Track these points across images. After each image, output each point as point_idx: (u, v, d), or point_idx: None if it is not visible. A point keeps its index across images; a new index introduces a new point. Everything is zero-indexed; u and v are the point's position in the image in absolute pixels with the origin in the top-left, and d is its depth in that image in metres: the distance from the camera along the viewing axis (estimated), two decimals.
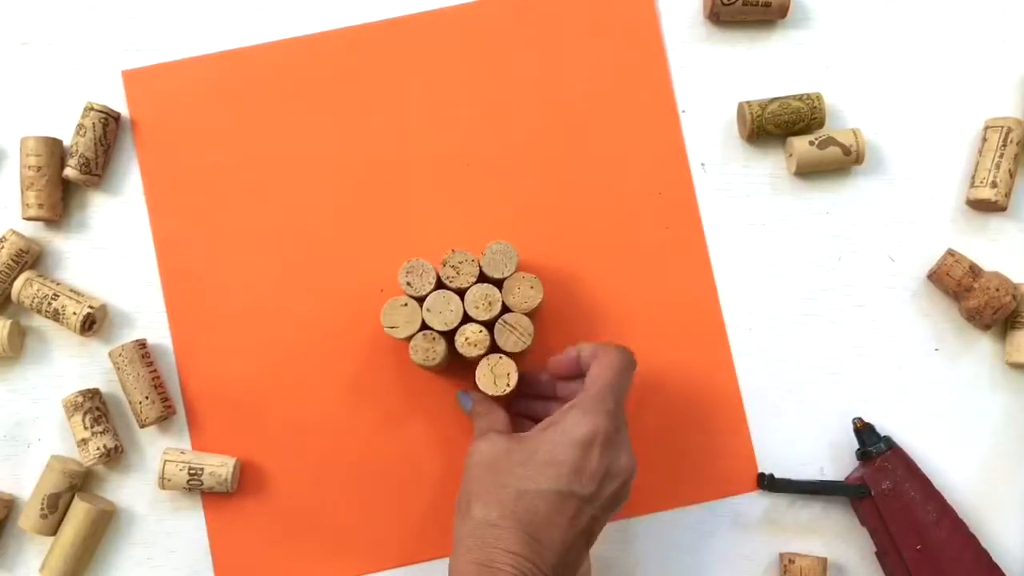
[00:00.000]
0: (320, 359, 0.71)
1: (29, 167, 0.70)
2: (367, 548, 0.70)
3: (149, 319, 0.71)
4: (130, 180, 0.72)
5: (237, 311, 0.71)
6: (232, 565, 0.70)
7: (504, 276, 0.66)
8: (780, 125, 0.71)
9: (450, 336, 0.65)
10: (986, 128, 0.72)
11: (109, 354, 0.69)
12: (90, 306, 0.69)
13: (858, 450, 0.69)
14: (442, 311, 0.65)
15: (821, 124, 0.72)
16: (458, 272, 0.65)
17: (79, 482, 0.69)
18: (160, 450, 0.70)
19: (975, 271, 0.70)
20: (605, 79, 0.73)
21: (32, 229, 0.72)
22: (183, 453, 0.69)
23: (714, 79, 0.74)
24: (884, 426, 0.70)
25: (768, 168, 0.73)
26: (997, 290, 0.69)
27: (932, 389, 0.72)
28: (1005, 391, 0.72)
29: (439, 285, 0.66)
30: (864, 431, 0.69)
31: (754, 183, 0.73)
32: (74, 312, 0.69)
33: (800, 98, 0.71)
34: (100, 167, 0.71)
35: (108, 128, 0.71)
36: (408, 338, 0.65)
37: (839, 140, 0.71)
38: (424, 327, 0.65)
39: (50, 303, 0.69)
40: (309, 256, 0.72)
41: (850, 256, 0.73)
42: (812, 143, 0.71)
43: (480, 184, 0.73)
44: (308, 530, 0.70)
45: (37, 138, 0.70)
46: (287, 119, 0.73)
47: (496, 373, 0.65)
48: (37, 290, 0.69)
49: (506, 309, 0.66)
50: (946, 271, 0.70)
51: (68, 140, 0.72)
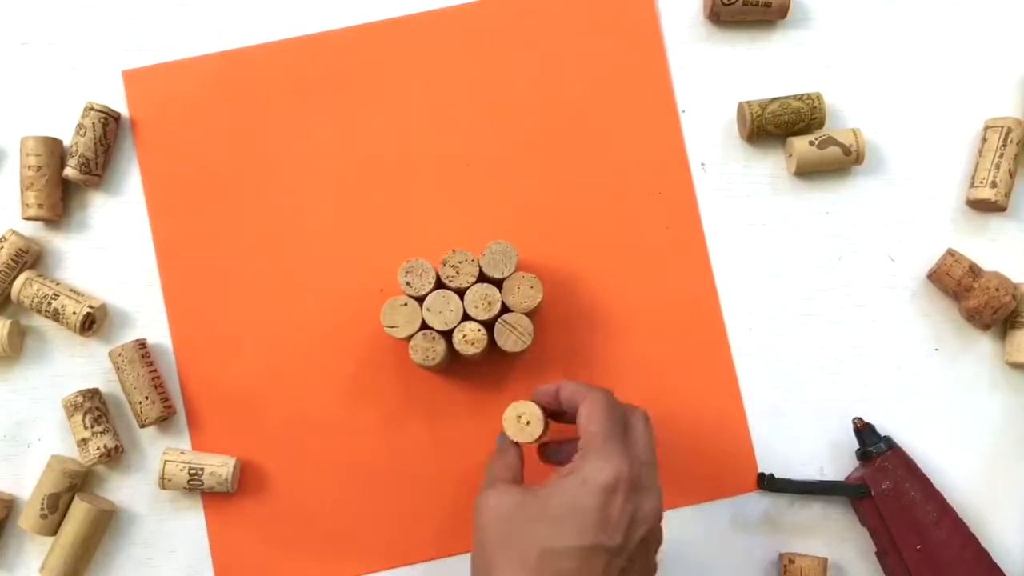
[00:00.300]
0: (320, 359, 0.71)
1: (29, 167, 0.70)
2: (367, 548, 0.70)
3: (149, 319, 0.71)
4: (130, 180, 0.72)
5: (237, 311, 0.71)
6: (232, 565, 0.70)
7: (504, 276, 0.66)
8: (780, 125, 0.71)
9: (450, 336, 0.65)
10: (986, 128, 0.72)
11: (109, 354, 0.69)
12: (90, 306, 0.69)
13: (858, 450, 0.69)
14: (442, 310, 0.65)
15: (821, 124, 0.72)
16: (458, 272, 0.65)
17: (79, 482, 0.69)
18: (160, 450, 0.70)
19: (975, 271, 0.70)
20: (605, 79, 0.73)
21: (32, 229, 0.72)
22: (183, 453, 0.69)
23: (714, 79, 0.74)
24: (884, 426, 0.70)
25: (768, 168, 0.73)
26: (997, 290, 0.69)
27: (932, 389, 0.72)
28: (1005, 391, 0.72)
29: (439, 285, 0.65)
30: (864, 431, 0.69)
31: (754, 183, 0.73)
32: (74, 312, 0.69)
33: (800, 98, 0.71)
34: (100, 167, 0.71)
35: (108, 128, 0.71)
36: (408, 338, 0.65)
37: (839, 140, 0.71)
38: (424, 327, 0.65)
39: (50, 303, 0.69)
40: (309, 256, 0.72)
41: (850, 256, 0.73)
42: (812, 143, 0.71)
43: (480, 184, 0.73)
44: (308, 530, 0.70)
45: (37, 138, 0.70)
46: (287, 119, 0.73)
47: (521, 420, 0.62)
48: (37, 290, 0.69)
49: (506, 309, 0.66)
50: (946, 271, 0.70)
51: (68, 140, 0.72)
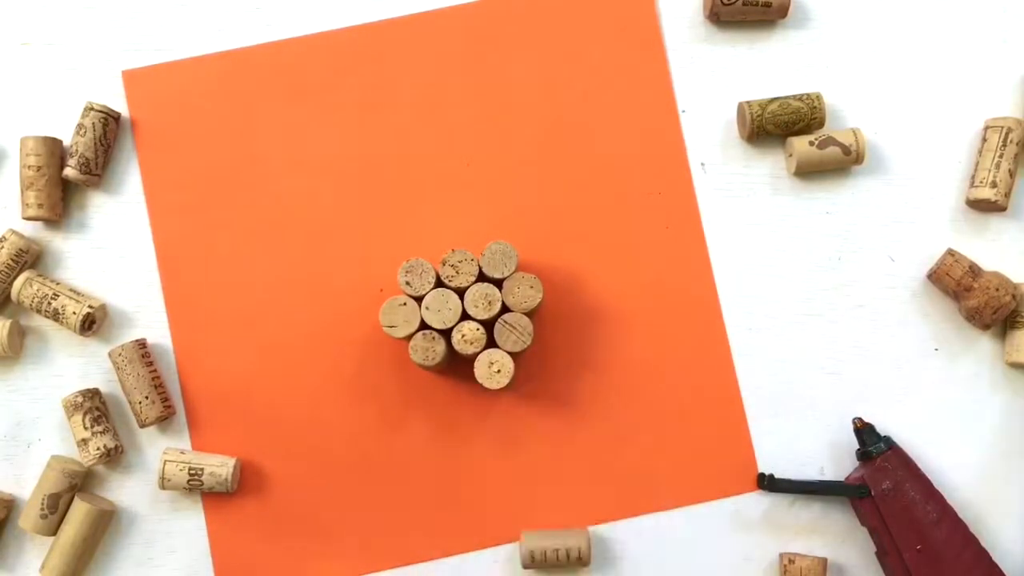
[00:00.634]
0: (320, 359, 0.71)
1: (29, 167, 0.70)
2: (367, 548, 0.70)
3: (149, 319, 0.71)
4: (130, 180, 0.72)
5: (237, 311, 0.71)
6: (232, 565, 0.70)
7: (504, 276, 0.66)
8: (780, 125, 0.71)
9: (449, 335, 0.65)
10: (986, 128, 0.72)
11: (109, 354, 0.69)
12: (90, 306, 0.69)
13: (858, 450, 0.69)
14: (440, 309, 0.65)
15: (821, 124, 0.72)
16: (457, 271, 0.65)
17: (79, 482, 0.69)
18: (160, 450, 0.70)
19: (975, 271, 0.70)
20: (605, 79, 0.73)
21: (32, 229, 0.72)
22: (183, 453, 0.69)
23: (714, 79, 0.74)
24: (884, 426, 0.70)
25: (768, 168, 0.73)
26: (997, 290, 0.69)
27: (932, 389, 0.72)
28: (1005, 391, 0.72)
29: (438, 284, 0.65)
30: (864, 431, 0.69)
31: (754, 183, 0.73)
32: (74, 312, 0.69)
33: (800, 98, 0.71)
34: (100, 167, 0.71)
35: (108, 128, 0.71)
36: (407, 337, 0.65)
37: (839, 140, 0.71)
38: (423, 327, 0.65)
39: (50, 303, 0.69)
40: (309, 256, 0.72)
41: (850, 256, 0.73)
42: (812, 143, 0.71)
43: (480, 184, 0.73)
44: (308, 530, 0.70)
45: (37, 138, 0.70)
46: (287, 119, 0.73)
47: (492, 367, 0.65)
48: (37, 290, 0.69)
49: (506, 309, 0.66)
50: (946, 271, 0.70)
51: (68, 140, 0.72)
